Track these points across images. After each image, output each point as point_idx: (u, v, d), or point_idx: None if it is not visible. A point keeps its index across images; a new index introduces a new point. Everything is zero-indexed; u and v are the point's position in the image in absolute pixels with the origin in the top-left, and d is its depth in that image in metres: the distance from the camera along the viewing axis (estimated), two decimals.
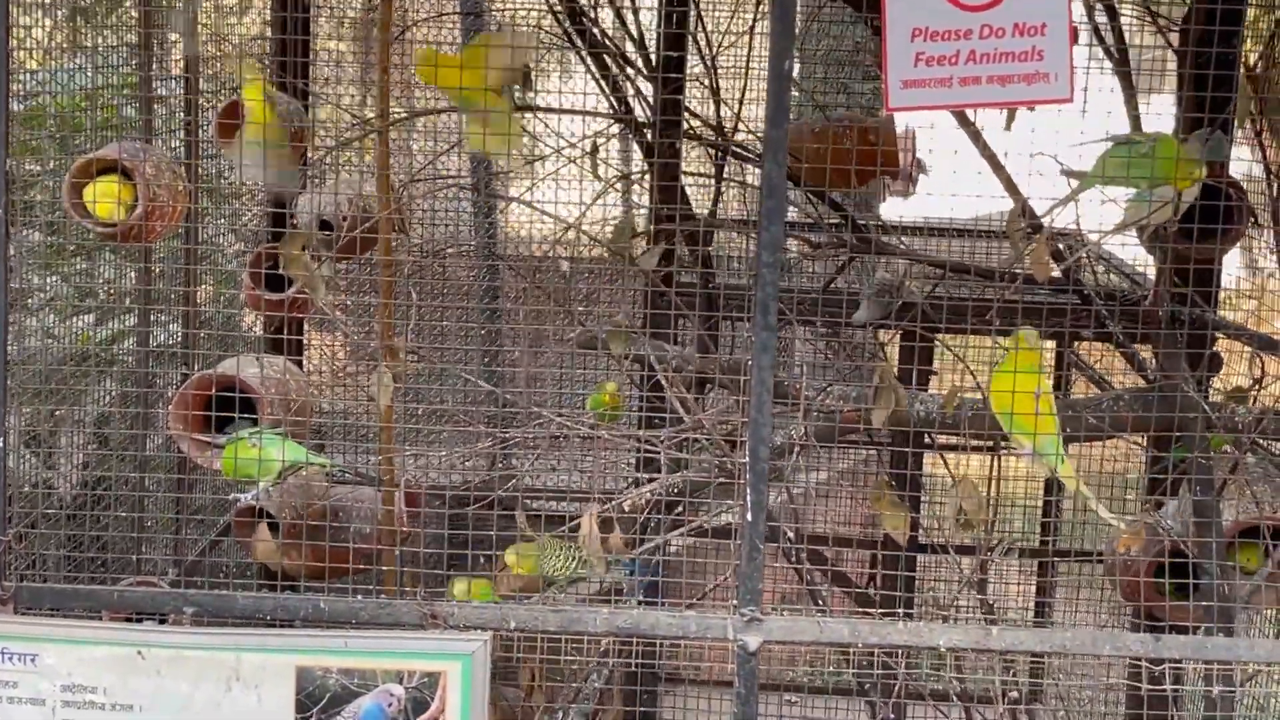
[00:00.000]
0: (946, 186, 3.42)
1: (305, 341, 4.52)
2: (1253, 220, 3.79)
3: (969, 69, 2.61)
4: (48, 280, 4.79)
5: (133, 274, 4.51)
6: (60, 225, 4.48)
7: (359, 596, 2.85)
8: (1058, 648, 2.74)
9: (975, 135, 3.50)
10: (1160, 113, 4.07)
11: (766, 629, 2.76)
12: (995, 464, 3.44)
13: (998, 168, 3.46)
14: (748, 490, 2.74)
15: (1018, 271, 3.96)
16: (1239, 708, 3.50)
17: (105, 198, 3.15)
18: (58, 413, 4.37)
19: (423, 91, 4.93)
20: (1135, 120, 3.67)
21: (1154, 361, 3.66)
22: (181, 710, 2.77)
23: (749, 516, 2.74)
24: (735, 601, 2.77)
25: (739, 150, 4.21)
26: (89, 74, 4.21)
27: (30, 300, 4.46)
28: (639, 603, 3.44)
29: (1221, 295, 3.95)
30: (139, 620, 3.15)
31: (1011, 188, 3.46)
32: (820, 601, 3.70)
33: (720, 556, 4.04)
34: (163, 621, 3.12)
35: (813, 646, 2.93)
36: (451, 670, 2.78)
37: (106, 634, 2.79)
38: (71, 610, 2.85)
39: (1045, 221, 3.28)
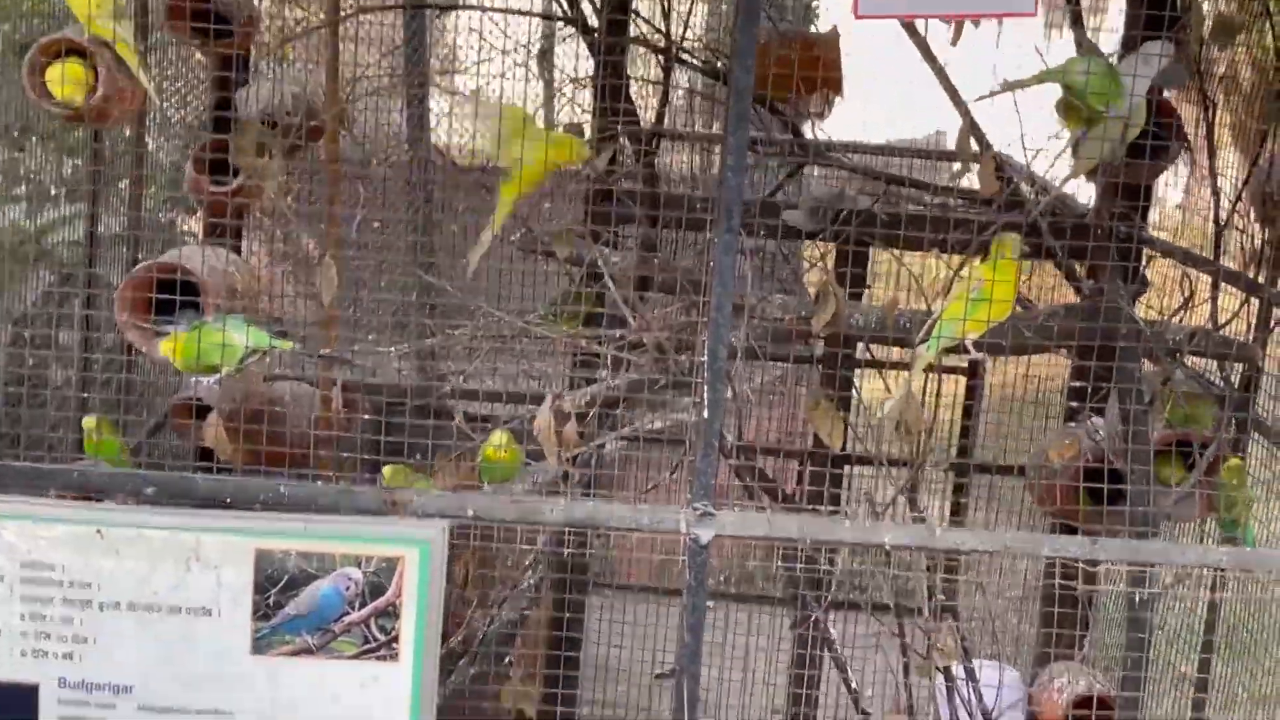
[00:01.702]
0: (890, 107, 3.48)
1: (246, 235, 4.50)
2: (1186, 145, 3.89)
3: None
4: None
5: (71, 165, 4.47)
6: None
7: (319, 482, 2.88)
8: (1000, 547, 2.84)
9: (925, 49, 3.55)
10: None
11: (719, 523, 2.83)
12: (935, 381, 3.52)
13: (946, 84, 3.52)
14: (705, 389, 2.80)
15: (959, 187, 4.04)
16: (1163, 613, 3.64)
17: (69, 79, 3.12)
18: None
19: None
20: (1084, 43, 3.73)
21: (1087, 278, 3.75)
22: (140, 590, 2.80)
23: (705, 414, 2.80)
24: (689, 495, 2.84)
25: (688, 58, 4.23)
26: None
27: None
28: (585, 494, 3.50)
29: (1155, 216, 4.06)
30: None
31: (960, 104, 3.52)
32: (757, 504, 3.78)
33: (663, 460, 4.11)
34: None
35: (762, 542, 3.01)
36: (409, 556, 2.83)
37: (67, 512, 2.81)
38: (30, 490, 2.85)
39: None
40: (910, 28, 3.25)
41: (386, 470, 3.40)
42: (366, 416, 3.88)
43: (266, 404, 3.98)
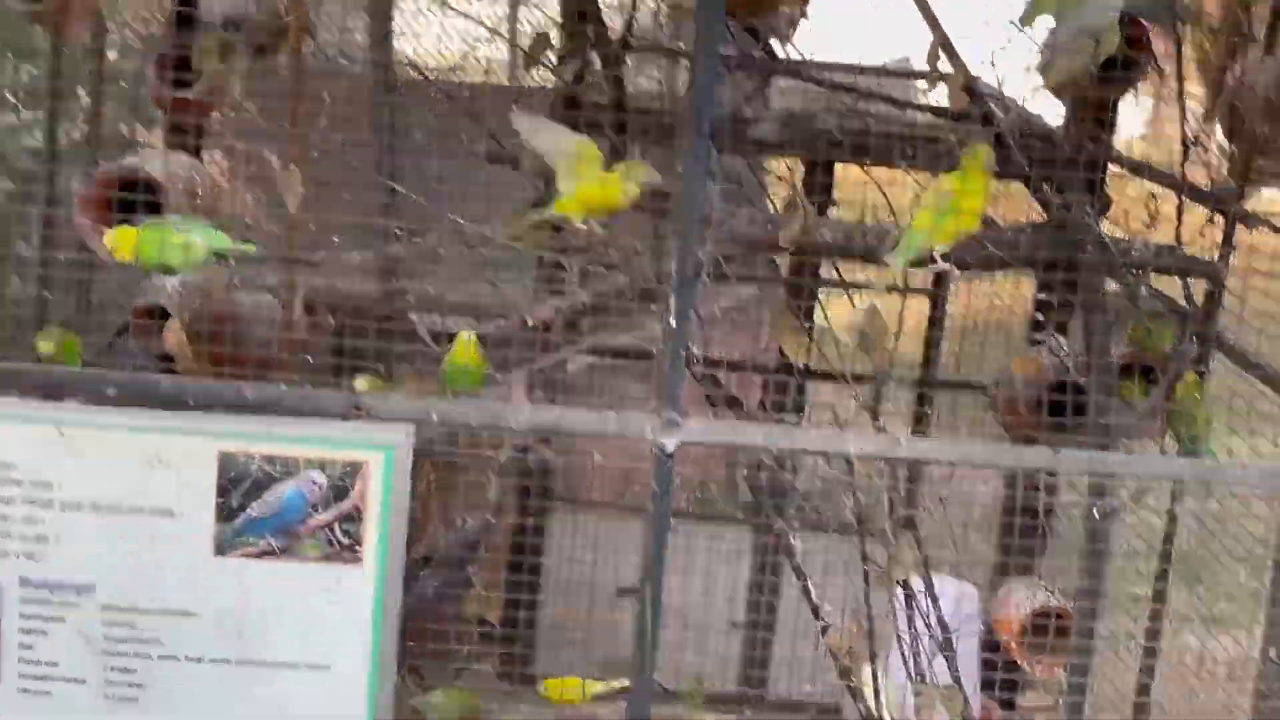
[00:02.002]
0: (858, 29, 3.46)
1: (207, 142, 4.44)
2: (1153, 64, 3.88)
3: None
4: None
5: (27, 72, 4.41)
6: None
7: (283, 386, 2.86)
8: (965, 458, 2.85)
9: None
10: None
11: (685, 431, 2.83)
12: (901, 300, 3.52)
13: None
14: (673, 297, 2.79)
15: (928, 105, 4.03)
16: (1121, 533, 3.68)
17: None
18: None
19: None
20: None
21: (1052, 195, 3.75)
22: (101, 490, 2.79)
23: (673, 322, 2.79)
24: (655, 404, 2.84)
25: None
26: None
27: None
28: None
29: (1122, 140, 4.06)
30: None
31: (930, 18, 3.50)
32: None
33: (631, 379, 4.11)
34: None
35: (727, 449, 3.01)
36: (374, 460, 2.82)
37: (26, 410, 2.79)
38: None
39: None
40: None
41: (359, 381, 3.38)
42: (329, 324, 3.86)
43: (228, 312, 3.95)
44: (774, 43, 4.36)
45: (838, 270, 4.32)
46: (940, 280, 5.17)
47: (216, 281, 4.00)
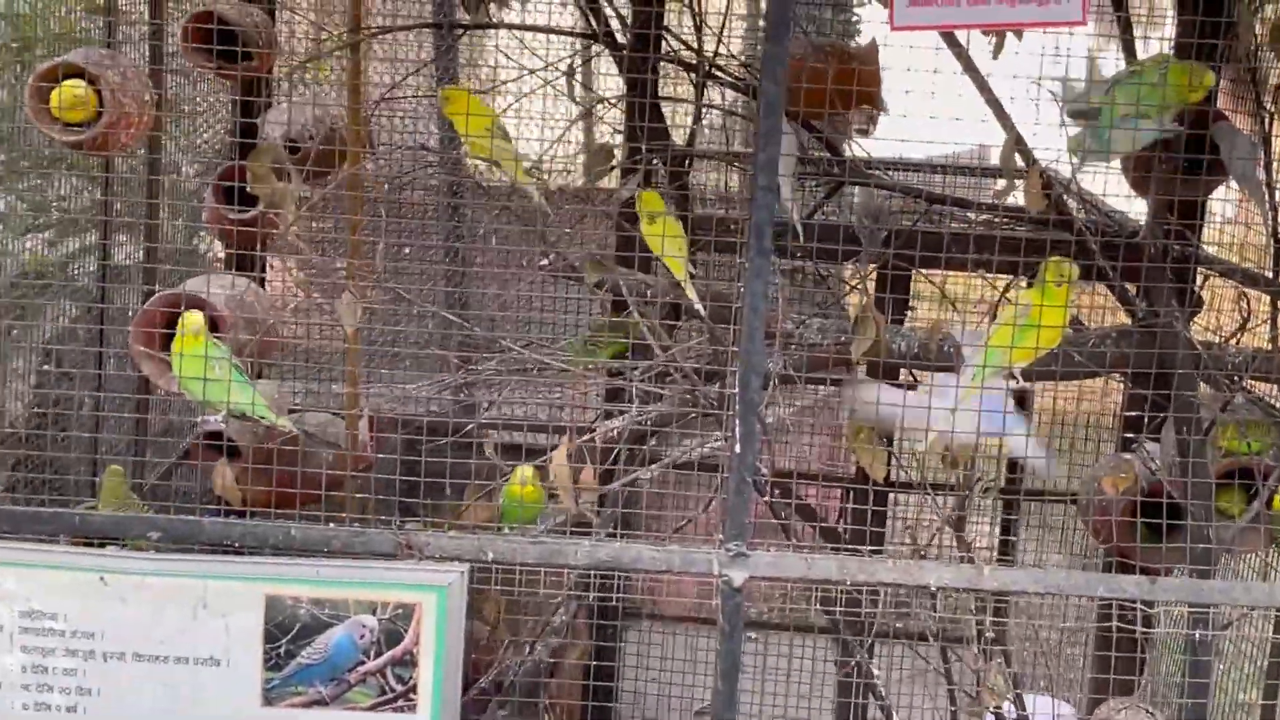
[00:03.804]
0: (928, 122, 3.34)
1: (268, 264, 4.38)
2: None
3: None
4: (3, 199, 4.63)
5: (93, 192, 4.36)
6: (12, 137, 4.32)
7: (331, 524, 2.75)
8: (1053, 588, 2.68)
9: (966, 60, 3.40)
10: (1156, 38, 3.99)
11: (753, 564, 2.69)
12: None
13: (988, 95, 3.37)
14: (737, 421, 2.65)
15: (1003, 204, 3.88)
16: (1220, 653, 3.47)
17: (71, 103, 3.00)
18: (14, 332, 4.22)
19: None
20: (1129, 46, 3.57)
21: (1139, 298, 3.58)
22: (145, 638, 2.68)
23: (738, 448, 2.65)
24: (720, 536, 2.69)
25: (721, 74, 4.08)
26: None
27: None
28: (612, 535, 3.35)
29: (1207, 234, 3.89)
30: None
31: (1004, 116, 3.37)
32: (792, 537, 3.62)
33: (692, 491, 3.96)
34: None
35: (800, 583, 2.85)
36: (426, 602, 2.69)
37: (68, 559, 2.69)
38: (31, 535, 2.73)
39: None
40: (950, 38, 3.10)
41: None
42: (396, 444, 3.75)
43: (287, 440, 3.85)
44: (851, 141, 4.26)
45: (913, 375, 4.17)
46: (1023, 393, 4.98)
47: (279, 403, 3.92)
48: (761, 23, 3.78)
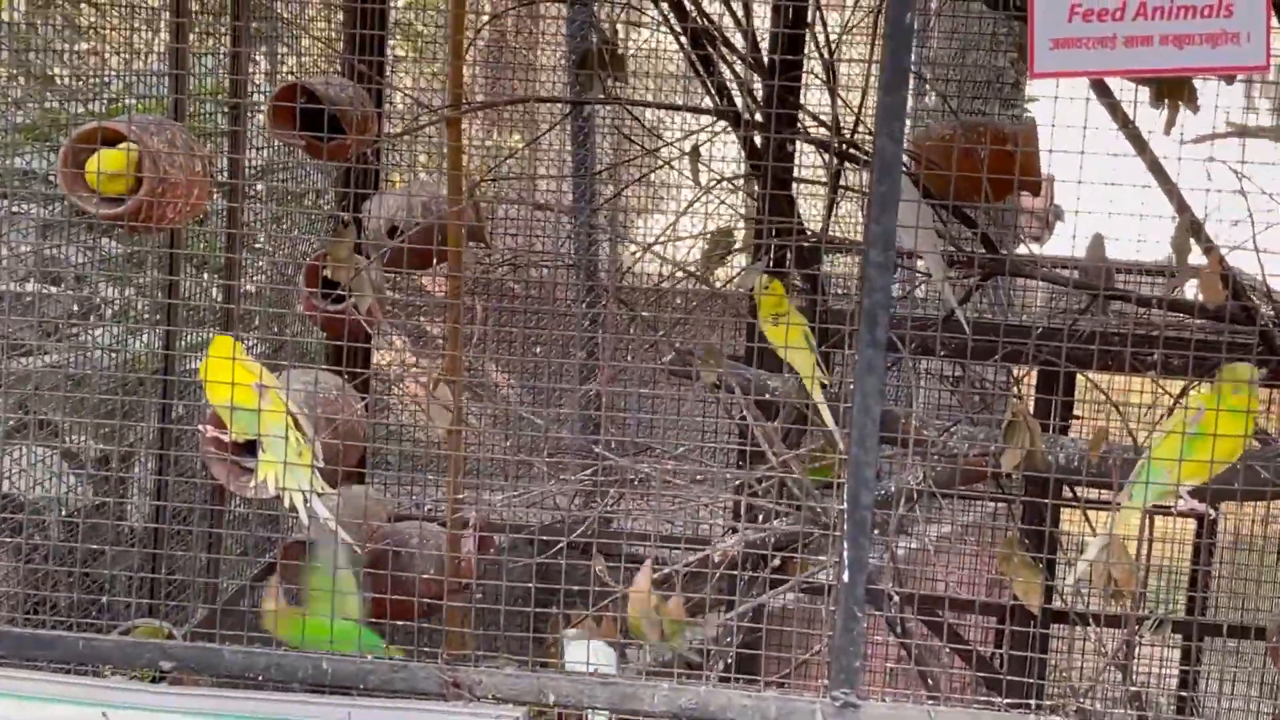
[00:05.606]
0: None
1: (372, 358, 4.08)
2: None
3: (1137, 26, 2.07)
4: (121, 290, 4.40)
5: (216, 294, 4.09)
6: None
7: (369, 657, 2.37)
8: None
9: (1136, 138, 2.96)
10: None
11: (864, 716, 2.24)
12: (1149, 524, 2.88)
13: (1161, 176, 2.93)
14: (845, 545, 2.23)
15: (1180, 299, 3.42)
16: None
17: (107, 169, 2.69)
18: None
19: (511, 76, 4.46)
20: None
21: None
22: None
23: (846, 577, 2.23)
24: (827, 681, 2.26)
25: (857, 152, 3.68)
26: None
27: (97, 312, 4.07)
28: (722, 677, 2.91)
29: None
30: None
31: (1178, 198, 2.93)
32: (932, 680, 3.16)
33: (814, 624, 3.52)
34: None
35: None
36: None
37: (69, 691, 2.35)
38: (34, 661, 2.41)
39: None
40: (1101, 86, 2.66)
41: None
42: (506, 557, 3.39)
43: (389, 547, 3.52)
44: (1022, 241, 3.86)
45: (1074, 492, 3.70)
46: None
47: (375, 511, 3.60)
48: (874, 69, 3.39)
